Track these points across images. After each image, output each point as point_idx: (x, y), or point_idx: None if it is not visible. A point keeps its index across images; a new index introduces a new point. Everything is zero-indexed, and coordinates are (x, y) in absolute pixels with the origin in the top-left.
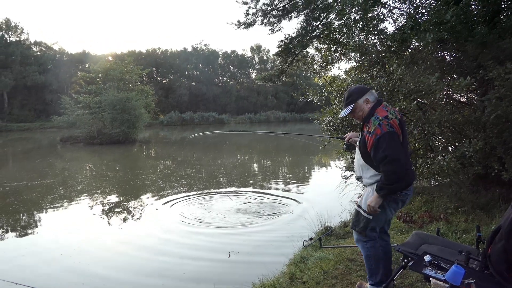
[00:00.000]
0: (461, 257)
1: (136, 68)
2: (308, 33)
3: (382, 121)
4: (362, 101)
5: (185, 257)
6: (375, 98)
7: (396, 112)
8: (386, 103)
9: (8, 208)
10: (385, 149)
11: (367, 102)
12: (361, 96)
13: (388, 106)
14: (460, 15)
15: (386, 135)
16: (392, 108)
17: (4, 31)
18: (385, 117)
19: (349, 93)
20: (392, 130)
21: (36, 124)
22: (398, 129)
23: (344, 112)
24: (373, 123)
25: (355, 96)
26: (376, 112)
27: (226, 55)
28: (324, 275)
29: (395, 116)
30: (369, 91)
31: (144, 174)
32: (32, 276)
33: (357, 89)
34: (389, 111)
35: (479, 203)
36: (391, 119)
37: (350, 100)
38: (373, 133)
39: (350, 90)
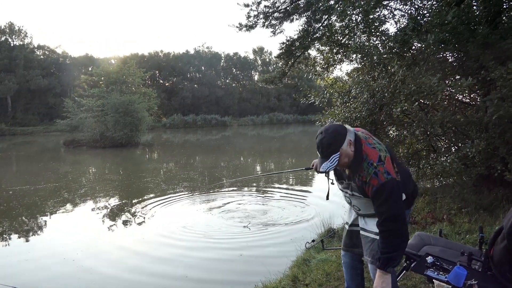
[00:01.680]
0: (463, 258)
1: (139, 71)
2: (309, 35)
3: (378, 169)
4: (346, 145)
5: (187, 259)
6: (353, 134)
7: (379, 142)
8: (361, 132)
9: (11, 212)
10: (383, 203)
11: (350, 144)
12: (344, 139)
13: (369, 138)
14: (462, 16)
15: (384, 185)
16: (372, 137)
17: (7, 35)
18: (379, 161)
19: (328, 140)
20: (390, 178)
21: (40, 128)
22: (394, 170)
23: (327, 165)
24: (367, 171)
25: (338, 141)
26: (366, 154)
27: (229, 57)
28: (327, 277)
29: (384, 149)
30: (347, 129)
31: (147, 177)
32: (35, 280)
33: (335, 132)
34: (375, 145)
35: (482, 204)
36: (385, 159)
37: (332, 149)
38: (369, 184)
39: (328, 135)
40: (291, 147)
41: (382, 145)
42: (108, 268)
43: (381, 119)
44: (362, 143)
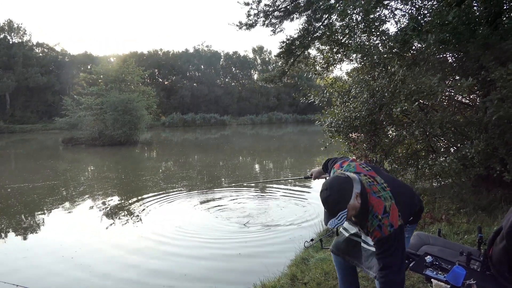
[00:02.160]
0: (462, 258)
1: (138, 69)
2: (309, 34)
3: (383, 222)
4: (353, 199)
5: (186, 258)
6: (359, 184)
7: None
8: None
9: (10, 210)
10: (383, 254)
11: (357, 196)
12: (350, 195)
13: (373, 184)
14: (462, 16)
15: (387, 239)
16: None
17: (6, 33)
18: (384, 213)
19: (334, 199)
20: (393, 230)
21: (38, 126)
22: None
23: (335, 223)
24: (371, 223)
25: (345, 198)
26: (371, 206)
27: (228, 56)
28: (325, 276)
29: (388, 196)
30: (352, 179)
31: (145, 176)
32: (34, 278)
33: (341, 189)
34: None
35: (481, 204)
36: (390, 208)
37: (340, 207)
38: (372, 235)
39: (333, 192)
40: (290, 147)
41: (387, 190)
42: (106, 267)
43: (381, 119)
44: (367, 192)
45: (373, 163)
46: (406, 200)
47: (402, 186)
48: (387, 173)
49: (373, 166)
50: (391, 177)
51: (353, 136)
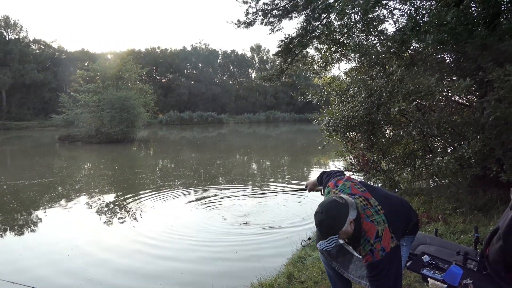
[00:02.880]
0: (459, 258)
1: (135, 66)
2: (308, 33)
3: (375, 246)
4: (346, 226)
5: (183, 257)
6: (355, 210)
7: (375, 202)
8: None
9: (5, 207)
10: (374, 278)
11: (351, 223)
12: (345, 221)
13: (367, 209)
14: (461, 16)
15: (378, 263)
16: (369, 203)
17: (3, 29)
18: (376, 237)
19: (328, 224)
20: (385, 254)
21: (35, 123)
22: (389, 242)
23: (324, 245)
24: (363, 247)
25: (339, 225)
26: (364, 232)
27: (226, 54)
28: (322, 275)
29: (381, 220)
30: (348, 204)
31: (142, 173)
32: (30, 275)
33: (336, 215)
34: (373, 218)
35: (477, 204)
36: (382, 232)
37: (332, 231)
38: (364, 258)
39: (328, 217)
40: (287, 146)
41: (380, 214)
42: (102, 264)
43: (379, 118)
44: (361, 217)
45: (370, 163)
46: (401, 218)
47: (397, 205)
48: (383, 191)
49: (367, 186)
50: (387, 195)
51: (351, 135)
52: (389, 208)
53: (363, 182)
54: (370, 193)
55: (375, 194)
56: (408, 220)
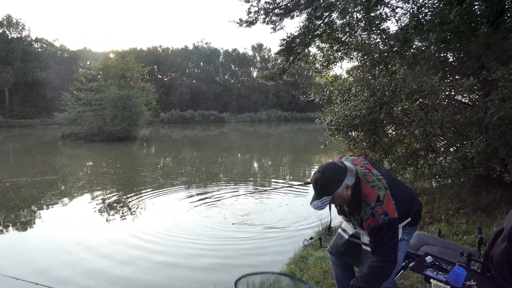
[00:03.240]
0: (462, 259)
1: (137, 65)
2: (310, 31)
3: (376, 210)
4: (341, 189)
5: (184, 255)
6: (353, 177)
7: (377, 173)
8: (360, 166)
9: (8, 204)
10: (378, 243)
11: (347, 188)
12: (340, 184)
13: (368, 174)
14: (464, 15)
15: (380, 227)
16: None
17: (5, 28)
18: (377, 201)
19: (322, 183)
20: (388, 219)
21: (37, 121)
22: (393, 209)
23: (317, 205)
24: (365, 212)
25: (333, 186)
26: (364, 195)
27: (227, 53)
28: (324, 274)
29: (383, 186)
30: (347, 168)
31: (144, 172)
32: (32, 271)
33: (332, 176)
34: (374, 184)
35: (480, 205)
36: (384, 198)
37: (325, 191)
38: (366, 223)
39: (324, 177)
40: (289, 145)
41: (382, 181)
42: (104, 261)
43: (381, 117)
44: (361, 182)
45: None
46: (403, 194)
47: (400, 183)
48: (385, 170)
49: (370, 161)
50: (389, 174)
51: (353, 134)
52: (391, 181)
53: (368, 159)
54: (371, 166)
55: (377, 168)
56: (411, 200)
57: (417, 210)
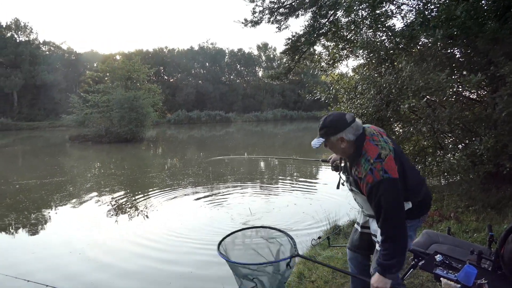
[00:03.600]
0: (473, 257)
1: (144, 67)
2: (315, 30)
3: (375, 166)
4: (335, 140)
5: (193, 255)
6: (355, 136)
7: (386, 138)
8: (373, 129)
9: (18, 206)
10: (379, 201)
11: (341, 141)
12: (334, 134)
13: (375, 135)
14: (470, 10)
15: (379, 185)
16: (381, 134)
17: (13, 31)
18: (378, 158)
19: (323, 123)
20: (387, 177)
21: (45, 123)
22: (395, 171)
23: (313, 142)
24: (363, 167)
25: (329, 131)
26: (365, 151)
27: (233, 53)
28: (333, 274)
29: (388, 148)
30: (347, 128)
31: (151, 172)
32: (41, 273)
33: (333, 122)
34: (379, 143)
35: (490, 202)
36: (386, 157)
37: (322, 132)
38: (364, 181)
39: (326, 120)
40: (295, 144)
41: (390, 145)
42: (113, 262)
43: (388, 115)
44: (365, 139)
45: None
46: (412, 181)
47: (413, 168)
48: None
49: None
50: (401, 150)
51: None
52: (400, 154)
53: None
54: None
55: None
56: (417, 186)
57: (423, 200)
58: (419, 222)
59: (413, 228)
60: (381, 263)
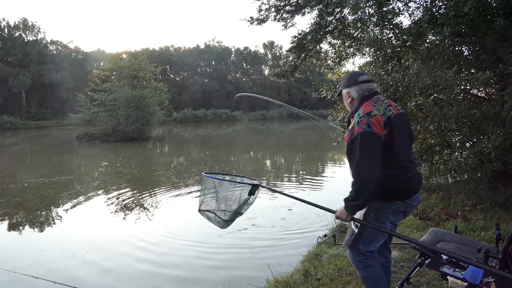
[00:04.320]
0: (479, 255)
1: (150, 65)
2: (321, 28)
3: (362, 119)
4: (345, 93)
5: (199, 252)
6: (359, 95)
7: (390, 107)
8: (381, 96)
9: (26, 204)
10: (355, 152)
11: (348, 96)
12: (344, 87)
13: (380, 101)
14: (479, 7)
15: (359, 136)
16: (386, 103)
17: (21, 31)
18: (367, 114)
19: (343, 77)
20: (369, 131)
21: (53, 122)
22: (380, 129)
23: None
24: (354, 120)
25: (342, 84)
26: (361, 108)
27: (239, 51)
28: (339, 272)
29: (382, 113)
30: (355, 85)
31: (158, 171)
32: (49, 271)
33: (346, 77)
34: (377, 105)
35: (498, 201)
36: (374, 116)
37: (339, 84)
38: (350, 131)
39: (347, 74)
40: (301, 142)
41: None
42: (120, 260)
43: None
44: (369, 100)
45: None
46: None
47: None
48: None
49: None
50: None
51: None
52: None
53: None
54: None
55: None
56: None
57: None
58: (414, 202)
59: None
60: (347, 200)
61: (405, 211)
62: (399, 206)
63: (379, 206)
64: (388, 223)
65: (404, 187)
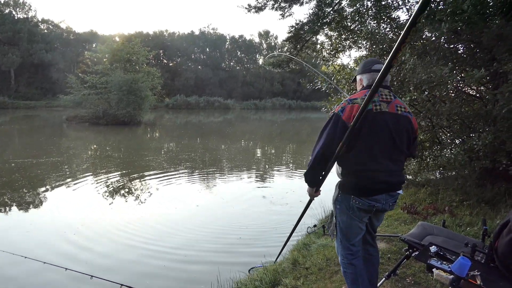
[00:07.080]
0: (467, 249)
1: (143, 49)
2: (319, 19)
3: (343, 102)
4: (358, 79)
5: (187, 240)
6: (369, 83)
7: (386, 104)
8: (387, 91)
9: (14, 184)
10: (322, 129)
11: (360, 81)
12: (359, 73)
13: (379, 93)
14: (477, 5)
15: (333, 116)
16: (385, 98)
17: (12, 8)
18: (350, 99)
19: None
20: (339, 115)
21: (42, 103)
22: (350, 116)
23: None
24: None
25: (358, 70)
26: (356, 94)
27: (234, 39)
28: (327, 262)
29: (367, 106)
30: (368, 73)
31: (148, 156)
32: (37, 251)
33: (362, 63)
34: (365, 98)
35: (485, 197)
36: (354, 104)
37: (357, 70)
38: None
39: (365, 60)
40: (293, 133)
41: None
42: (108, 243)
43: None
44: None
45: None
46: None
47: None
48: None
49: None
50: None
51: None
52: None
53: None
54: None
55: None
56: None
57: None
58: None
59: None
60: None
61: (366, 209)
62: (356, 202)
63: (341, 197)
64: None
65: (362, 184)
